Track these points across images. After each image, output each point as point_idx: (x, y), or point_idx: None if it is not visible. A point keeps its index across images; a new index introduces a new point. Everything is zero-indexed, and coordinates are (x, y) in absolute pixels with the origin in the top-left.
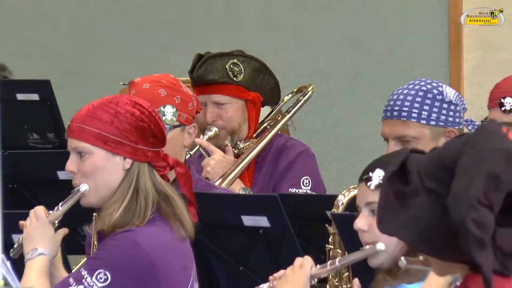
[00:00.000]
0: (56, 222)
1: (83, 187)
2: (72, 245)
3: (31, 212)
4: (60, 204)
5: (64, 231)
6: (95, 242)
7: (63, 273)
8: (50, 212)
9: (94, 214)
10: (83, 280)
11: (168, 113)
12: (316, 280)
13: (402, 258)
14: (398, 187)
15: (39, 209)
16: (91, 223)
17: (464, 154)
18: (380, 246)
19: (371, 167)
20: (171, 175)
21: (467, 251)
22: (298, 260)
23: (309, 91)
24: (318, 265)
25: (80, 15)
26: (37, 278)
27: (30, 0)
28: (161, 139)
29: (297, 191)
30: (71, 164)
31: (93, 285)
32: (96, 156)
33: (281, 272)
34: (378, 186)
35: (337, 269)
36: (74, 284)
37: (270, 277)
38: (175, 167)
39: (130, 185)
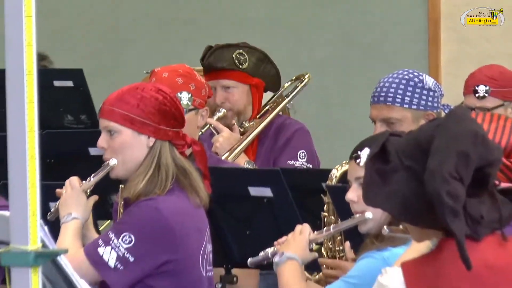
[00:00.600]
0: (88, 191)
1: (112, 162)
2: (101, 212)
3: (67, 182)
4: (92, 175)
5: (94, 197)
6: (121, 210)
7: (94, 234)
8: (83, 182)
9: (121, 185)
10: (110, 242)
11: (184, 98)
12: (314, 243)
13: (385, 227)
14: (379, 166)
15: (74, 179)
16: (118, 192)
17: (436, 136)
18: (368, 214)
19: (360, 146)
20: (187, 151)
21: (442, 219)
22: (298, 227)
23: (305, 78)
24: (315, 231)
25: (110, 15)
26: (71, 239)
27: (69, 3)
28: (180, 121)
29: (294, 163)
30: (102, 141)
31: (119, 246)
32: (124, 134)
33: (284, 238)
34: None
35: (331, 234)
36: (103, 245)
37: (275, 242)
38: (192, 145)
39: (153, 160)
